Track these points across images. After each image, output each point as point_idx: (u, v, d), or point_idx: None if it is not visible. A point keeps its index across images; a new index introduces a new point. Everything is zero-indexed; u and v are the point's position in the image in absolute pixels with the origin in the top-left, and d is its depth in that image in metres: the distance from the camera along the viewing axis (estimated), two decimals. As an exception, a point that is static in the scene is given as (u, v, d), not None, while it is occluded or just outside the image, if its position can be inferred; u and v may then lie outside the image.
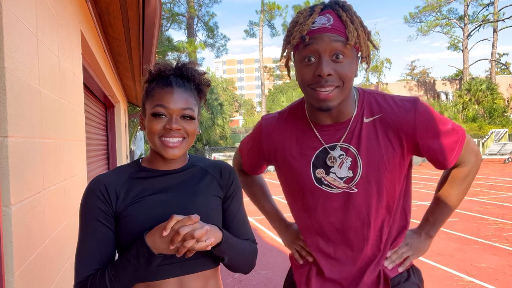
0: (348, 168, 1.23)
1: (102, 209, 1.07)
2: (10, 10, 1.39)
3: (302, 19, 1.15)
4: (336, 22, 1.12)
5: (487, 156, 17.75)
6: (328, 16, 1.13)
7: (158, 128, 1.07)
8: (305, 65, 1.15)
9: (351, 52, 1.13)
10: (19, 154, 1.43)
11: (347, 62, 1.13)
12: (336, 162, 1.24)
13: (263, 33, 34.37)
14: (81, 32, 2.96)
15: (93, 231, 1.06)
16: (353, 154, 1.22)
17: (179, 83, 1.11)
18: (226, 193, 1.20)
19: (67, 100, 2.36)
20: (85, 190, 1.12)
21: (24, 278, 1.43)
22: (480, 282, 3.92)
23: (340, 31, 1.11)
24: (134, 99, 9.36)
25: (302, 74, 1.16)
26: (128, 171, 1.14)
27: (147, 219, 1.06)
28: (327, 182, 1.26)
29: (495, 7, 33.34)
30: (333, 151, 1.25)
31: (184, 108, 1.08)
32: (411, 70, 52.28)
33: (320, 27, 1.12)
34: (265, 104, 35.62)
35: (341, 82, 1.13)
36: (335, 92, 1.13)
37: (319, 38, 1.11)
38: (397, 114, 1.21)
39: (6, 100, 1.33)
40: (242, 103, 56.25)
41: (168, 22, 31.25)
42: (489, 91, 28.45)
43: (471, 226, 6.15)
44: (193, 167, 1.19)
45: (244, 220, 1.24)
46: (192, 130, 1.11)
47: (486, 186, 10.50)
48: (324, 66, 1.11)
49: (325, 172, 1.25)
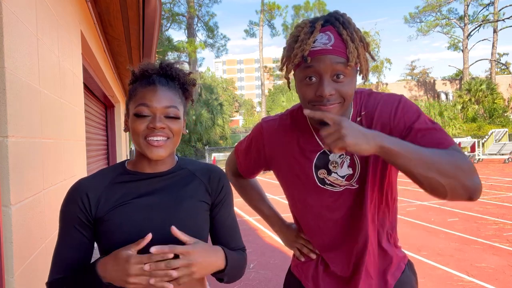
0: (348, 166, 1.27)
1: (79, 217, 1.06)
2: (10, 10, 1.39)
3: (303, 35, 1.16)
4: (337, 42, 1.13)
5: (487, 156, 17.74)
6: (329, 34, 1.14)
7: (141, 128, 1.04)
8: (306, 84, 1.17)
9: (351, 71, 1.15)
10: (19, 154, 1.43)
11: (347, 81, 1.15)
12: (338, 165, 1.27)
13: (263, 33, 34.38)
14: (81, 32, 2.96)
15: (68, 236, 1.06)
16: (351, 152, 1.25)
17: (162, 81, 1.08)
18: (215, 200, 1.16)
19: (67, 100, 2.36)
20: (66, 193, 1.10)
21: (24, 278, 1.43)
22: (480, 282, 3.92)
23: (341, 51, 1.13)
24: (134, 99, 9.36)
25: (303, 92, 1.18)
26: (111, 174, 1.11)
27: (129, 223, 1.04)
28: (329, 182, 1.29)
29: (495, 7, 33.36)
30: (332, 154, 1.28)
31: (168, 106, 1.05)
32: (411, 70, 52.30)
33: (321, 48, 1.13)
34: (265, 104, 35.62)
35: (342, 99, 1.16)
36: (336, 107, 1.16)
37: (320, 60, 1.12)
38: (380, 107, 1.25)
39: (6, 100, 1.33)
40: (242, 103, 56.25)
41: (168, 22, 31.26)
42: (489, 91, 28.47)
43: (471, 226, 6.15)
44: (180, 170, 1.15)
45: (234, 227, 1.20)
46: (177, 129, 1.07)
47: (486, 186, 10.50)
48: (325, 86, 1.12)
49: (327, 172, 1.29)
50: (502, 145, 17.54)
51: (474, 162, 17.50)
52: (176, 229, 0.98)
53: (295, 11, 36.86)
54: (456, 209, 7.51)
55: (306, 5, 35.72)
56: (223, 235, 1.17)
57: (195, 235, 1.04)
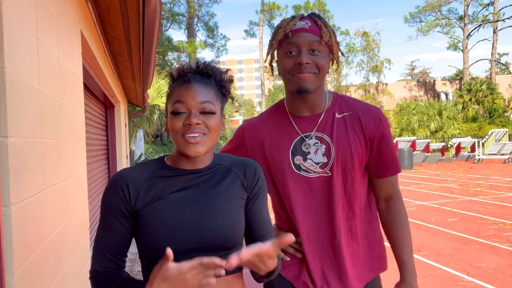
0: (323, 154, 1.43)
1: (120, 206, 1.07)
2: (10, 10, 1.39)
3: (285, 23, 1.41)
4: (313, 25, 1.39)
5: (487, 156, 17.74)
6: (306, 21, 1.40)
7: (178, 125, 1.05)
8: (287, 57, 1.39)
9: (324, 48, 1.39)
10: (19, 154, 1.43)
11: (321, 56, 1.38)
12: (311, 148, 1.43)
13: (263, 33, 34.40)
14: (81, 32, 2.96)
15: (109, 227, 1.08)
16: (327, 142, 1.43)
17: (197, 79, 1.09)
18: (250, 193, 1.17)
19: (67, 100, 2.36)
20: (108, 183, 1.11)
21: (24, 278, 1.43)
22: (480, 282, 3.92)
23: (316, 31, 1.38)
24: (134, 99, 9.36)
25: (285, 64, 1.40)
26: (151, 168, 1.13)
27: (165, 218, 1.05)
28: (305, 167, 1.44)
29: (495, 7, 33.35)
30: (308, 140, 1.44)
31: (203, 101, 1.06)
32: (411, 70, 52.32)
33: (300, 27, 1.38)
34: (265, 104, 35.61)
35: (317, 69, 1.37)
36: (312, 76, 1.37)
37: (299, 36, 1.37)
38: (365, 112, 1.46)
39: (6, 100, 1.32)
40: (242, 103, 56.24)
41: (168, 22, 31.25)
42: (489, 91, 28.45)
43: (471, 226, 6.15)
44: (217, 166, 1.16)
45: (268, 221, 1.20)
46: (214, 125, 1.07)
47: (486, 186, 10.50)
48: (303, 56, 1.35)
49: (303, 158, 1.44)
50: (502, 145, 17.54)
51: (474, 162, 17.50)
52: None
53: (295, 11, 36.83)
54: (456, 209, 7.51)
55: (306, 5, 35.72)
56: (257, 228, 1.17)
57: (230, 230, 1.07)
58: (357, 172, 1.43)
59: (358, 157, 1.42)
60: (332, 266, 1.43)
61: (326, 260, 1.44)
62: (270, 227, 1.20)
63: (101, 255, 1.08)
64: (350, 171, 1.42)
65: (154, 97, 11.73)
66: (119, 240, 1.08)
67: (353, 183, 1.43)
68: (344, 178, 1.42)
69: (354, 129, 1.43)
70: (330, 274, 1.43)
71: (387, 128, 1.46)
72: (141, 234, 1.07)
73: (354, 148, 1.41)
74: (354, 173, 1.43)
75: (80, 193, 2.74)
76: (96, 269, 1.08)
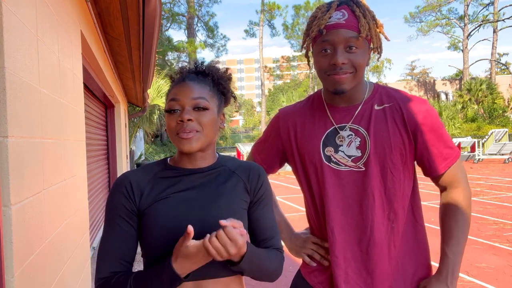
0: (357, 148, 1.32)
1: (125, 206, 1.07)
2: (10, 10, 1.39)
3: (320, 14, 1.29)
4: (350, 17, 1.25)
5: (487, 156, 17.73)
6: (343, 12, 1.26)
7: (173, 124, 1.06)
8: (322, 56, 1.28)
9: (363, 44, 1.26)
10: (19, 154, 1.43)
11: (359, 52, 1.26)
12: (345, 141, 1.33)
13: (263, 33, 34.37)
14: (81, 32, 2.96)
15: (115, 227, 1.07)
16: (363, 135, 1.33)
17: (192, 77, 1.10)
18: (254, 197, 1.16)
19: (67, 100, 2.36)
20: (112, 186, 1.12)
21: (24, 278, 1.43)
22: (480, 282, 3.91)
23: (353, 25, 1.24)
24: (134, 99, 9.36)
25: (320, 63, 1.30)
26: (154, 169, 1.14)
27: (169, 217, 1.06)
28: (335, 159, 1.34)
29: (495, 7, 33.35)
30: (343, 131, 1.34)
31: (195, 97, 1.06)
32: (411, 70, 52.32)
33: (335, 23, 1.25)
34: (265, 104, 35.59)
35: (354, 69, 1.26)
36: (348, 77, 1.26)
37: (334, 33, 1.25)
38: (408, 103, 1.33)
39: (6, 100, 1.32)
40: (242, 103, 56.24)
41: (168, 22, 31.25)
42: (489, 91, 28.45)
43: (471, 226, 6.14)
44: (220, 167, 1.16)
45: (272, 227, 1.18)
46: (207, 122, 1.07)
47: (486, 186, 10.49)
48: (339, 56, 1.24)
49: (334, 150, 1.35)
50: (502, 145, 17.52)
51: (474, 162, 17.50)
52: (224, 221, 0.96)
53: (295, 11, 36.86)
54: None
55: (306, 5, 35.71)
56: (260, 233, 1.16)
57: None
58: (398, 168, 1.31)
59: (400, 152, 1.31)
60: (359, 271, 1.32)
61: (351, 263, 1.33)
62: (274, 233, 1.18)
63: (107, 261, 1.06)
64: (390, 167, 1.30)
65: (154, 97, 11.73)
66: (126, 240, 1.07)
67: (393, 180, 1.31)
68: (384, 174, 1.30)
69: (395, 120, 1.31)
70: (357, 279, 1.32)
71: (433, 119, 1.32)
72: (145, 233, 1.07)
73: (394, 142, 1.30)
74: (395, 169, 1.31)
75: (80, 193, 2.74)
76: (104, 276, 1.05)
